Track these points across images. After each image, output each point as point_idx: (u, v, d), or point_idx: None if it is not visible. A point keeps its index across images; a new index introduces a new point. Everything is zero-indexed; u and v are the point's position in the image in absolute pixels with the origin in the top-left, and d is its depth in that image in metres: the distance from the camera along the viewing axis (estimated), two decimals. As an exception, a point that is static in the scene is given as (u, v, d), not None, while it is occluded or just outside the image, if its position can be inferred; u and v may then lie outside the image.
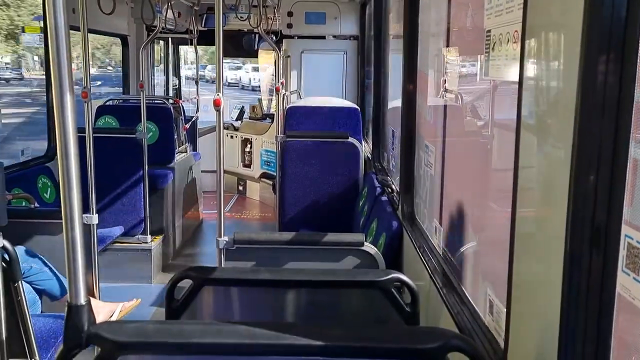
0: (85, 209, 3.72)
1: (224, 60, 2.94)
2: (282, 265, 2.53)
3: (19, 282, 2.45)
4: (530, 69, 1.28)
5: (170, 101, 6.53)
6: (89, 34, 3.75)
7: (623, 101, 1.00)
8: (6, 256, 2.38)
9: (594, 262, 1.02)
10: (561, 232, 1.06)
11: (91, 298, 1.25)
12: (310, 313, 2.00)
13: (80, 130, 1.24)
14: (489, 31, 1.82)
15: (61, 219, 1.17)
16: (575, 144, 1.04)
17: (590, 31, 1.01)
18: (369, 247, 2.52)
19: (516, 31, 1.54)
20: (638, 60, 0.98)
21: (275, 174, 5.80)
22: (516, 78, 1.36)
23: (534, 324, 1.24)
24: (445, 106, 3.26)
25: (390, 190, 3.76)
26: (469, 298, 1.93)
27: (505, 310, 1.45)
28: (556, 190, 1.12)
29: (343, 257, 2.53)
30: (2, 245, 2.35)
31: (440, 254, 2.40)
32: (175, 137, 6.15)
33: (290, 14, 6.91)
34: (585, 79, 1.02)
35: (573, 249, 1.05)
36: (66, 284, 3.37)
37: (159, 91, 9.08)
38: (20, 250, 3.26)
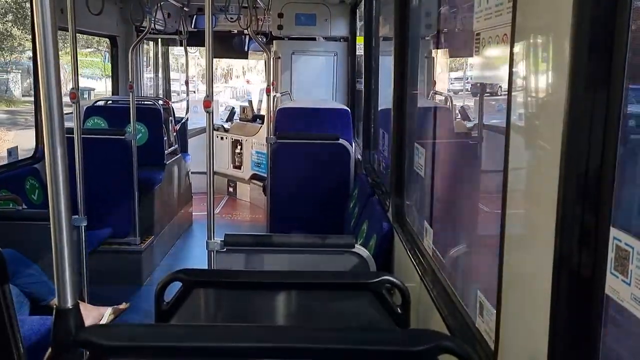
0: (74, 210, 3.68)
1: None
2: (273, 267, 2.53)
3: (6, 284, 2.42)
4: (520, 72, 1.29)
5: (160, 102, 6.50)
6: (77, 34, 3.72)
7: (611, 103, 1.00)
8: None
9: (583, 264, 1.03)
10: (550, 233, 1.07)
11: (80, 302, 1.24)
12: (300, 315, 2.00)
13: (68, 131, 1.23)
14: (478, 34, 1.83)
15: (49, 221, 1.16)
16: (564, 146, 1.04)
17: (578, 34, 1.01)
18: (359, 249, 2.52)
19: (505, 34, 1.55)
20: (626, 63, 0.99)
21: (265, 175, 5.79)
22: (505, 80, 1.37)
23: (524, 326, 1.25)
24: (435, 108, 3.27)
25: (380, 191, 3.76)
26: (460, 300, 1.94)
27: (495, 311, 1.45)
28: (545, 192, 1.12)
29: (334, 259, 2.53)
30: None
31: (431, 255, 2.41)
32: (165, 138, 6.12)
33: (280, 15, 6.91)
34: (574, 81, 1.03)
35: (562, 251, 1.05)
36: (53, 286, 3.34)
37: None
38: (7, 252, 3.22)
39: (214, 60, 2.81)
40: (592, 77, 1.01)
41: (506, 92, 1.36)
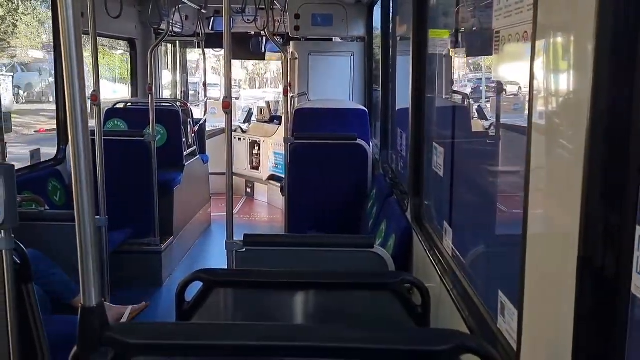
0: (96, 211, 3.72)
1: None
2: (292, 267, 2.53)
3: (31, 283, 2.46)
4: (541, 70, 1.28)
5: (179, 104, 6.56)
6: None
7: (636, 101, 0.99)
8: (17, 258, 2.40)
9: (608, 263, 1.02)
10: (574, 233, 1.06)
11: (102, 300, 1.26)
12: (320, 315, 2.00)
13: (89, 133, 1.25)
14: (497, 32, 1.82)
15: (71, 222, 1.18)
16: (588, 145, 1.03)
17: (602, 30, 1.00)
18: (378, 249, 2.51)
19: (525, 32, 1.54)
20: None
21: (283, 176, 5.81)
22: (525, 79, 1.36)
23: (547, 326, 1.24)
24: (453, 107, 3.25)
25: (399, 191, 3.76)
26: (480, 300, 1.93)
27: (516, 311, 1.44)
28: (569, 191, 1.11)
29: (352, 259, 2.53)
30: (14, 246, 2.37)
31: (451, 255, 2.40)
32: (184, 139, 6.17)
33: (297, 16, 6.92)
34: (598, 79, 1.02)
35: (586, 250, 1.04)
36: (75, 286, 3.39)
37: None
38: (29, 252, 3.27)
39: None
40: (616, 74, 1.00)
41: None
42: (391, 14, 5.45)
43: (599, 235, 1.03)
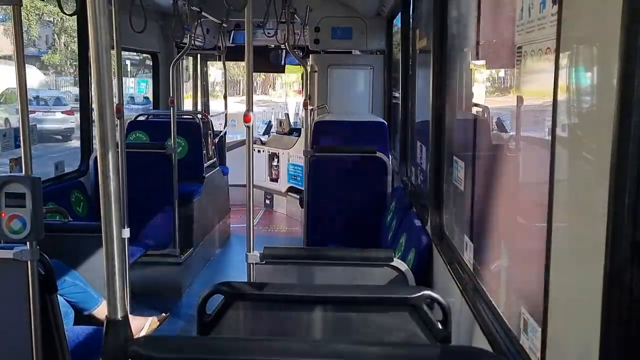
0: None
1: None
2: (311, 280, 2.53)
3: (55, 294, 2.50)
4: (565, 83, 1.27)
5: (199, 116, 6.63)
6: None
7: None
8: (41, 269, 2.44)
9: (636, 281, 1.00)
10: (600, 249, 1.04)
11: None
12: (340, 330, 1.99)
13: None
14: (519, 47, 1.81)
15: (94, 233, 1.20)
16: (614, 158, 1.02)
17: (628, 43, 1.00)
18: (398, 263, 2.50)
19: (548, 48, 1.53)
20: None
21: (302, 188, 5.82)
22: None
23: (573, 345, 1.22)
24: (474, 120, 3.24)
25: (418, 205, 3.74)
26: (503, 316, 1.90)
27: (540, 329, 1.42)
28: (594, 205, 1.10)
29: (372, 272, 2.52)
30: (38, 258, 2.40)
31: (472, 270, 2.37)
32: (204, 151, 6.22)
33: (317, 29, 6.96)
34: (623, 92, 1.01)
35: (613, 267, 1.02)
36: (97, 297, 3.43)
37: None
38: (53, 262, 3.31)
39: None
40: None
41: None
42: (410, 27, 5.45)
43: (627, 250, 1.02)
